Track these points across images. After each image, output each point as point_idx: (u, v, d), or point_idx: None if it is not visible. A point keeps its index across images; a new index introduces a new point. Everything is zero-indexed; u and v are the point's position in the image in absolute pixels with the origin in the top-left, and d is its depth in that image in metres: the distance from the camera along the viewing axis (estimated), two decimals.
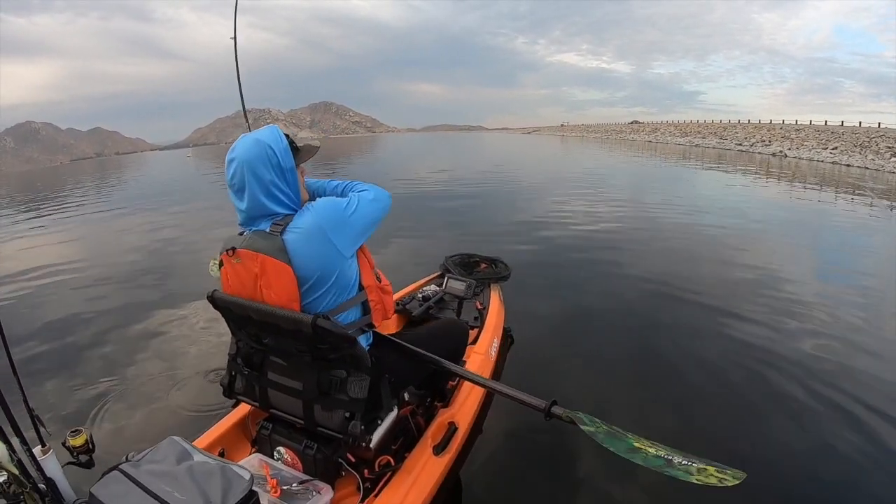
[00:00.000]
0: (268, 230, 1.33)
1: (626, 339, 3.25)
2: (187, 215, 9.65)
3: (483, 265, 3.50)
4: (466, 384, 2.08)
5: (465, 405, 2.03)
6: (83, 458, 1.25)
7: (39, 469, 1.05)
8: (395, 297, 2.85)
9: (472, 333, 2.55)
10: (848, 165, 18.44)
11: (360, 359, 1.40)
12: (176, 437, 1.29)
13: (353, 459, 1.59)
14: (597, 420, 1.37)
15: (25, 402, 1.20)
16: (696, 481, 1.16)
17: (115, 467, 1.17)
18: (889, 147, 20.49)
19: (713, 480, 1.15)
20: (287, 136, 1.41)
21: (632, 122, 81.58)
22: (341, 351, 1.37)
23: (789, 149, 24.50)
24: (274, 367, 1.51)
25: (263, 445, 1.62)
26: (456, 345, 1.99)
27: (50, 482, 1.08)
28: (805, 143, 25.33)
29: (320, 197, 1.61)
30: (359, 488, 1.56)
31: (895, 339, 3.34)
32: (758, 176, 14.60)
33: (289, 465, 1.56)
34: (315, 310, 1.34)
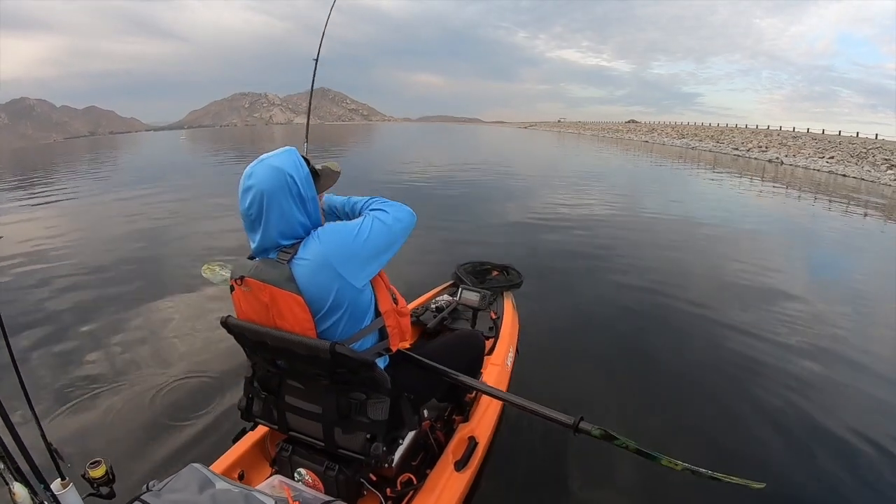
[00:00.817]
0: (275, 258, 1.29)
1: (633, 345, 3.25)
2: (179, 203, 9.53)
3: (495, 272, 3.47)
4: (485, 396, 2.05)
5: (484, 419, 2.00)
6: (104, 489, 1.23)
7: None
8: (408, 308, 2.82)
9: (488, 344, 2.53)
10: (844, 175, 18.49)
11: (379, 381, 1.37)
12: (196, 465, 1.27)
13: (374, 478, 1.57)
14: (626, 439, 1.37)
15: (43, 436, 1.19)
16: (725, 480, 1.26)
17: (137, 498, 1.15)
18: (886, 159, 20.58)
19: (735, 480, 1.26)
20: (306, 159, 1.36)
21: (629, 121, 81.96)
22: (360, 374, 1.35)
23: (786, 156, 24.55)
24: (291, 391, 1.49)
25: (283, 467, 1.60)
26: (473, 357, 1.96)
27: None
28: (802, 151, 25.39)
29: (336, 215, 1.58)
30: None
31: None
32: (758, 182, 14.70)
33: (310, 487, 1.54)
34: (330, 339, 1.30)
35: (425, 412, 1.67)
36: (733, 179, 15.17)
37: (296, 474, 1.57)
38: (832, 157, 22.35)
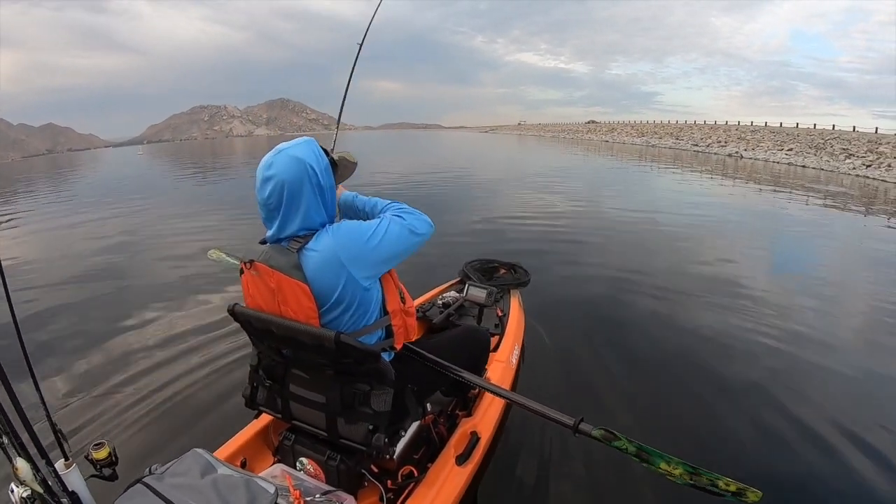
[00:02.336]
0: (286, 246, 1.30)
1: (632, 345, 3.23)
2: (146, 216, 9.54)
3: (503, 270, 3.47)
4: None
5: (487, 414, 1.99)
6: (106, 471, 1.23)
7: (62, 484, 1.04)
8: (415, 303, 2.83)
9: (493, 340, 2.52)
10: (803, 167, 18.63)
11: (383, 373, 1.37)
12: (199, 450, 1.28)
13: (375, 470, 1.57)
14: (627, 442, 1.36)
15: (48, 416, 1.20)
16: (721, 489, 1.23)
17: (139, 480, 1.16)
18: (844, 149, 20.80)
19: (732, 489, 1.22)
20: (325, 150, 1.36)
21: (588, 122, 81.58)
22: (364, 365, 1.35)
23: (745, 150, 24.70)
24: (296, 380, 1.49)
25: (286, 456, 1.61)
26: (478, 353, 1.95)
27: (73, 496, 1.07)
28: (761, 144, 25.56)
29: (354, 212, 1.56)
30: (382, 499, 1.54)
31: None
32: (720, 177, 14.78)
33: (312, 476, 1.54)
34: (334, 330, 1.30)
35: (429, 405, 1.67)
36: (702, 176, 15.33)
37: (298, 463, 1.57)
38: (791, 150, 22.59)
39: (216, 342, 3.33)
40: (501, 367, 2.30)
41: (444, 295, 3.02)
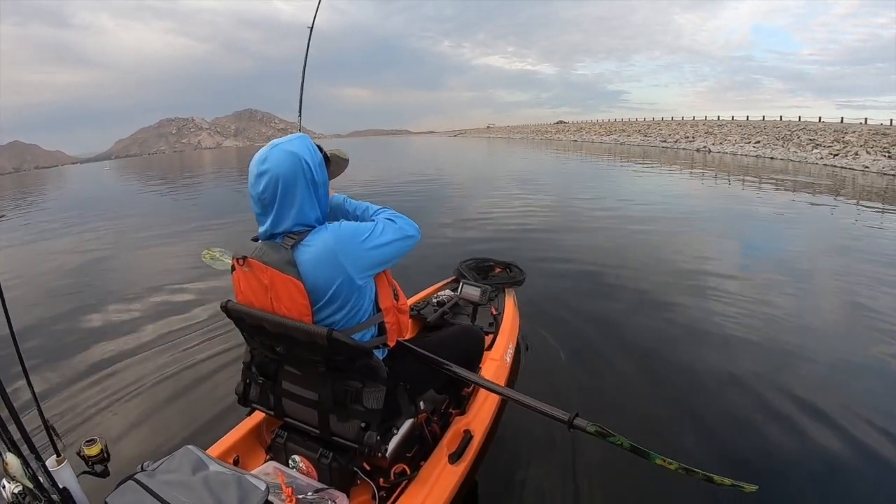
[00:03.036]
0: (280, 242, 1.30)
1: (630, 346, 3.22)
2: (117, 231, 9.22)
3: (498, 269, 3.47)
4: (482, 390, 2.06)
5: (480, 412, 2.00)
6: (98, 467, 1.23)
7: (53, 480, 1.04)
8: (409, 302, 2.83)
9: (488, 339, 2.52)
10: (772, 158, 18.98)
11: (375, 370, 1.38)
12: (191, 447, 1.28)
13: (368, 468, 1.58)
14: (620, 437, 1.37)
15: (40, 413, 1.19)
16: (717, 481, 1.27)
17: (131, 477, 1.16)
18: (811, 139, 21.27)
19: (727, 483, 1.27)
20: (318, 147, 1.37)
21: (557, 123, 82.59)
22: (357, 362, 1.35)
23: (713, 144, 25.12)
24: (288, 377, 1.49)
25: (278, 453, 1.61)
26: (472, 351, 1.96)
27: (64, 492, 1.07)
28: (728, 138, 26.00)
29: (340, 214, 1.57)
30: (374, 497, 1.54)
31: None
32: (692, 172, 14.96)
33: (304, 474, 1.54)
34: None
35: (422, 403, 1.67)
36: (672, 171, 15.50)
37: (290, 461, 1.57)
38: (758, 142, 23.00)
39: (209, 339, 3.32)
40: (496, 365, 2.30)
41: (439, 294, 3.02)
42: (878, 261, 5.06)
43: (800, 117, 33.90)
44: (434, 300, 2.93)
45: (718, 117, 41.63)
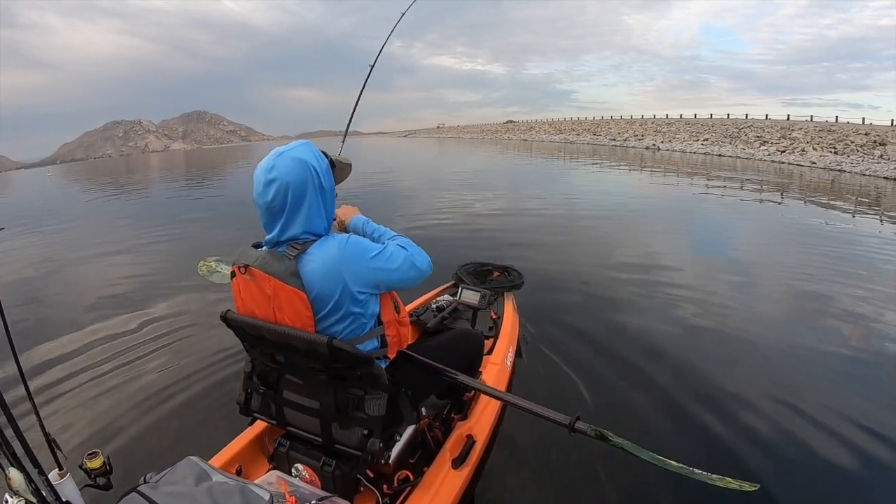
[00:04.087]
0: (283, 252, 1.29)
1: (628, 347, 3.23)
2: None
3: (496, 273, 3.48)
4: (483, 395, 2.06)
5: (482, 417, 2.00)
6: (101, 480, 1.23)
7: (56, 494, 1.04)
8: (409, 307, 2.84)
9: (487, 343, 2.52)
10: (720, 155, 19.31)
11: (377, 377, 1.38)
12: (194, 458, 1.27)
13: (371, 475, 1.57)
14: (621, 439, 1.37)
15: (42, 426, 1.19)
16: (719, 485, 1.26)
17: (134, 489, 1.16)
18: (758, 136, 21.73)
19: (734, 486, 1.26)
20: (323, 152, 1.37)
21: (507, 122, 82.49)
22: (358, 370, 1.35)
23: (662, 142, 25.48)
24: (290, 386, 1.49)
25: (281, 462, 1.61)
26: (472, 356, 1.96)
27: None
28: (677, 136, 26.44)
29: (356, 232, 1.58)
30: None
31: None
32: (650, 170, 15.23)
33: (307, 482, 1.54)
34: None
35: (423, 410, 1.67)
36: (620, 169, 15.76)
37: (293, 470, 1.57)
38: (707, 140, 23.50)
39: (209, 349, 3.31)
40: (496, 369, 2.30)
41: (438, 298, 3.02)
42: (829, 254, 5.42)
43: (747, 115, 34.78)
44: (433, 305, 2.93)
45: (667, 116, 42.42)
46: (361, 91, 2.69)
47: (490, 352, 2.44)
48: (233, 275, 1.39)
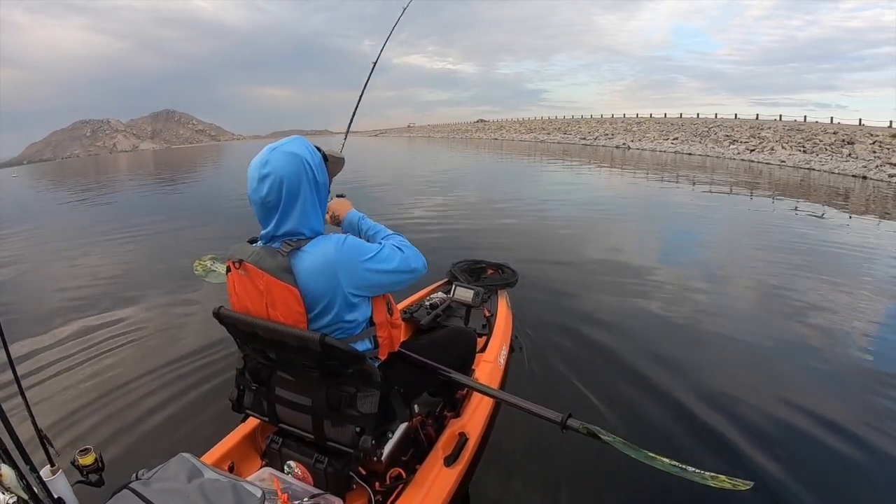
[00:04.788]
0: (278, 247, 1.30)
1: (626, 347, 3.25)
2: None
3: (490, 271, 3.48)
4: (476, 392, 2.07)
5: (475, 415, 2.01)
6: (93, 476, 1.23)
7: (47, 490, 1.04)
8: (402, 305, 2.84)
9: (481, 341, 2.53)
10: (690, 154, 19.55)
11: (369, 375, 1.38)
12: (186, 454, 1.27)
13: (363, 472, 1.58)
14: (613, 435, 1.38)
15: (33, 422, 1.19)
16: (711, 484, 1.26)
17: (126, 486, 1.16)
18: (727, 135, 21.95)
19: (727, 485, 1.25)
20: (316, 147, 1.38)
21: (477, 121, 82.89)
22: (350, 367, 1.35)
23: (632, 141, 25.69)
24: (282, 383, 1.49)
25: (273, 459, 1.61)
26: (465, 353, 1.97)
27: (59, 502, 1.06)
28: (647, 135, 26.61)
29: (353, 231, 1.58)
30: (370, 501, 1.54)
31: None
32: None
33: (299, 479, 1.55)
34: None
35: (416, 407, 1.68)
36: (591, 168, 15.85)
37: (286, 467, 1.57)
38: (676, 139, 23.66)
39: (201, 346, 3.30)
40: (489, 367, 2.31)
41: (432, 296, 3.03)
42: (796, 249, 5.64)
43: (716, 114, 35.17)
44: (427, 303, 2.94)
45: (637, 115, 42.85)
46: (363, 89, 2.68)
47: (483, 349, 2.45)
48: (228, 270, 1.39)
